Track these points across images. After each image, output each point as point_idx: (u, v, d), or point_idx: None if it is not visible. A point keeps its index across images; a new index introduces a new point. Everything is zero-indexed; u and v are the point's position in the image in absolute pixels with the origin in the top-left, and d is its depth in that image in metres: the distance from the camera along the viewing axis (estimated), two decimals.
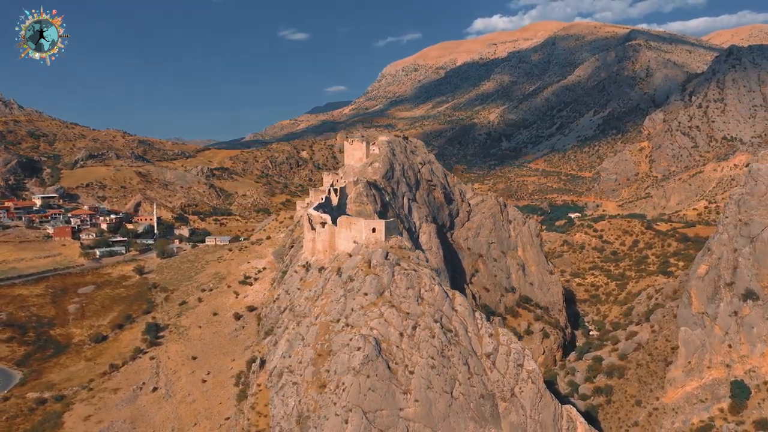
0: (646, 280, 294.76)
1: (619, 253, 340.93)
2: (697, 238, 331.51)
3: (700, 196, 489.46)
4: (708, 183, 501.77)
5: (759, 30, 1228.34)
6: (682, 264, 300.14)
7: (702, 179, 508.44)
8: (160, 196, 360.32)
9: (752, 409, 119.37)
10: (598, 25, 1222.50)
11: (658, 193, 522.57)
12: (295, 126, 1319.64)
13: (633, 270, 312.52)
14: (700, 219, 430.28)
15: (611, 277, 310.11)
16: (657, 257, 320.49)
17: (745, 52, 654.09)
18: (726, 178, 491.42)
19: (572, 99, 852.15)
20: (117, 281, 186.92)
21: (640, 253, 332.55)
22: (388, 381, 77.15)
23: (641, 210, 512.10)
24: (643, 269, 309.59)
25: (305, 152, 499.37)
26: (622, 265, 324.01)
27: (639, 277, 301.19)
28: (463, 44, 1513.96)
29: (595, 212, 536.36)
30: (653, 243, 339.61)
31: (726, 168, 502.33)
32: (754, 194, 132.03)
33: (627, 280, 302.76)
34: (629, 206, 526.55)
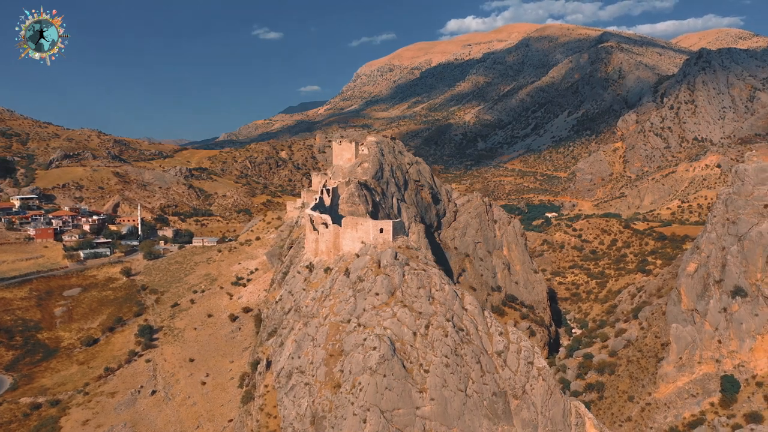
0: (625, 278, 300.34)
1: (598, 252, 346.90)
2: (674, 237, 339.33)
3: (673, 195, 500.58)
4: (680, 183, 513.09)
5: (725, 33, 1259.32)
6: (660, 262, 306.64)
7: (675, 179, 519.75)
8: (138, 196, 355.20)
9: (742, 403, 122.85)
10: (571, 27, 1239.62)
11: (632, 192, 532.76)
12: (270, 126, 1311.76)
13: (612, 268, 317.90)
14: (674, 218, 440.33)
15: (591, 276, 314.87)
16: (635, 256, 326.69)
17: (714, 55, 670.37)
18: (698, 178, 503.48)
19: (546, 100, 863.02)
20: (103, 283, 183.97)
21: (618, 251, 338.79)
22: (404, 380, 77.77)
23: (616, 209, 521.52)
24: (622, 267, 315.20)
25: (284, 152, 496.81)
26: (602, 264, 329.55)
27: (618, 276, 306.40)
28: (438, 45, 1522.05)
29: (571, 212, 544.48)
30: (631, 242, 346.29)
31: (698, 168, 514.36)
32: (741, 194, 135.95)
33: (607, 279, 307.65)
34: (604, 206, 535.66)
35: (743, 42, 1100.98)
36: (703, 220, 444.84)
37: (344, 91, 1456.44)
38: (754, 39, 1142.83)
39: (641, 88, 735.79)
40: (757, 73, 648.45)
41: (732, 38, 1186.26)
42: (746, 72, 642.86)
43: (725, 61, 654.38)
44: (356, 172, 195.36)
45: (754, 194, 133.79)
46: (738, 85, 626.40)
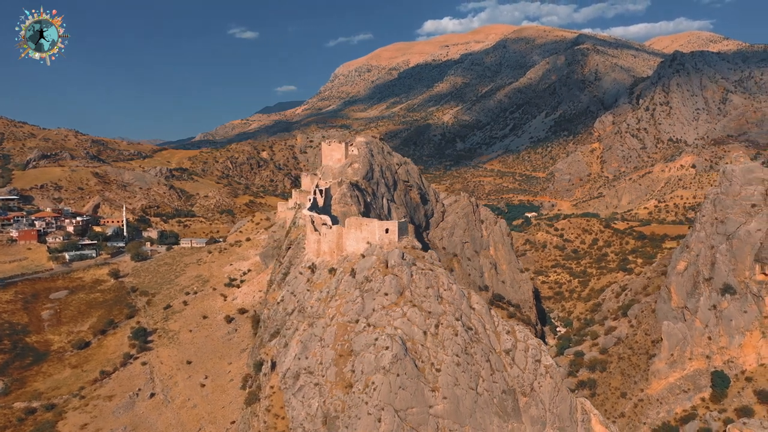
0: (607, 276, 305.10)
1: (580, 251, 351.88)
2: (653, 236, 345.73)
3: (649, 195, 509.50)
4: (657, 183, 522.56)
5: (696, 36, 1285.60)
6: (640, 261, 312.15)
7: (651, 179, 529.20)
8: (119, 197, 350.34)
9: (732, 398, 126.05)
10: (548, 29, 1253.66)
11: (610, 192, 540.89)
12: (247, 126, 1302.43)
13: (594, 267, 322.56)
14: (651, 217, 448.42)
15: (573, 275, 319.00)
16: (616, 255, 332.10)
17: (688, 57, 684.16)
18: (673, 178, 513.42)
19: (524, 101, 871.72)
20: (91, 285, 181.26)
21: (599, 250, 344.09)
22: (417, 379, 78.40)
23: (594, 209, 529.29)
24: (603, 266, 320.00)
25: (265, 153, 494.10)
26: (584, 263, 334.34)
27: (600, 274, 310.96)
28: (416, 45, 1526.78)
29: (550, 211, 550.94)
30: (612, 241, 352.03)
31: (673, 168, 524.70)
32: (729, 194, 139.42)
33: (589, 277, 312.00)
34: (583, 205, 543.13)
35: (714, 45, 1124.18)
36: (680, 219, 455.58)
37: (322, 91, 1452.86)
38: (725, 42, 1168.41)
39: (617, 90, 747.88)
40: (729, 75, 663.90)
41: (703, 41, 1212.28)
42: (718, 74, 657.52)
43: (698, 64, 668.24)
44: (347, 173, 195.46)
45: (741, 194, 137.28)
46: (711, 87, 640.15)
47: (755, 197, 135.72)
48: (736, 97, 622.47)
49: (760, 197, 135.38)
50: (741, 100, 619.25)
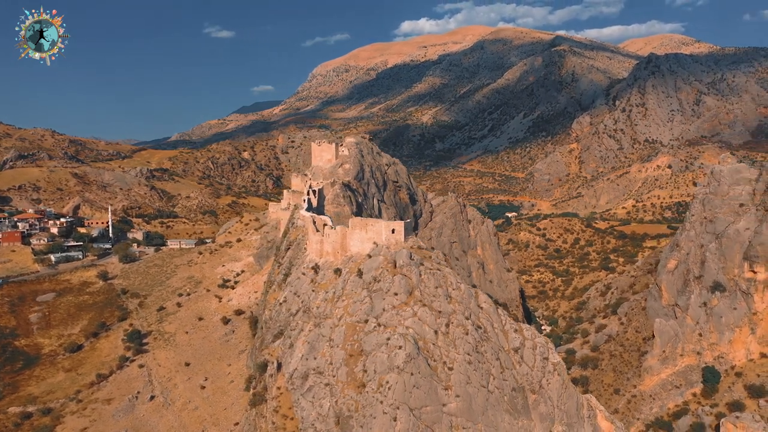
0: (589, 275, 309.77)
1: (562, 251, 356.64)
2: (634, 236, 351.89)
3: (627, 195, 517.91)
4: (634, 183, 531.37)
5: (669, 39, 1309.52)
6: (622, 260, 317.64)
7: (628, 179, 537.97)
8: (99, 198, 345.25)
9: (723, 393, 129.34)
10: (525, 30, 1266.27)
11: (588, 192, 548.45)
12: (224, 126, 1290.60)
13: (576, 266, 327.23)
14: (629, 217, 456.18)
15: (556, 274, 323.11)
16: (598, 254, 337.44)
17: (663, 60, 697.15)
18: (650, 178, 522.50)
19: (502, 102, 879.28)
20: (79, 288, 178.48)
21: (581, 250, 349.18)
22: (430, 378, 79.11)
23: (573, 209, 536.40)
24: (585, 265, 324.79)
25: (246, 153, 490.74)
26: (566, 262, 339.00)
27: (583, 273, 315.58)
28: (393, 46, 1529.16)
29: (530, 211, 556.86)
30: (593, 240, 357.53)
31: (650, 169, 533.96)
32: (718, 194, 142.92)
33: (572, 276, 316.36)
34: (562, 205, 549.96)
35: (686, 48, 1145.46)
36: (657, 219, 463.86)
37: (300, 91, 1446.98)
38: (696, 45, 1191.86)
39: (594, 91, 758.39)
40: (703, 77, 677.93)
41: (676, 44, 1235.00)
42: (692, 77, 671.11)
43: (673, 66, 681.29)
44: (338, 173, 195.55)
45: (729, 194, 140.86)
46: (685, 89, 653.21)
47: (743, 197, 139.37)
48: (710, 98, 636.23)
49: (748, 197, 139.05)
50: (714, 101, 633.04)
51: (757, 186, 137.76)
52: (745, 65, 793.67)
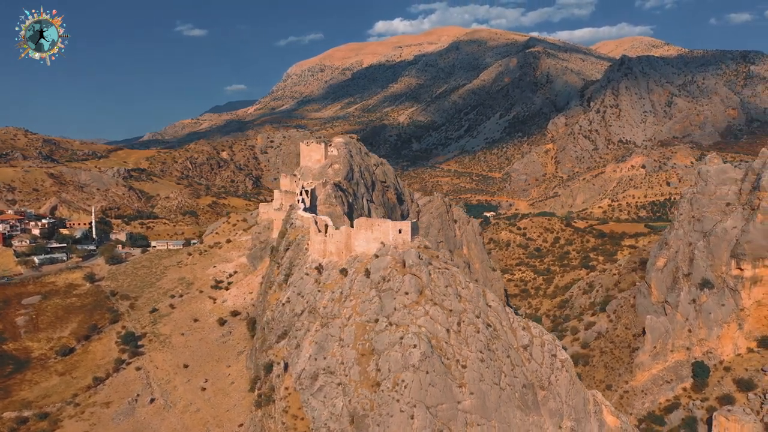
0: (570, 274, 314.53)
1: (543, 250, 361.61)
2: (612, 234, 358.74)
3: (603, 194, 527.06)
4: (609, 182, 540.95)
5: (639, 41, 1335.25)
6: (602, 258, 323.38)
7: (604, 179, 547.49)
8: (76, 199, 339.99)
9: (713, 387, 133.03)
10: (499, 32, 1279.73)
11: (565, 192, 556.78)
12: (198, 125, 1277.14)
13: (557, 265, 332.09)
14: (605, 216, 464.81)
15: (538, 272, 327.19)
16: (578, 252, 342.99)
17: (635, 62, 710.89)
18: (625, 178, 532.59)
19: (478, 102, 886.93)
20: (65, 290, 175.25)
21: (561, 249, 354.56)
22: (444, 376, 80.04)
23: (550, 208, 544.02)
24: (566, 264, 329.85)
25: (225, 153, 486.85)
26: (547, 261, 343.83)
27: (563, 272, 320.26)
28: (369, 46, 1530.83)
29: (508, 211, 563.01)
30: (573, 239, 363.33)
31: (624, 169, 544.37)
32: (705, 193, 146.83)
33: (553, 275, 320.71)
34: (540, 205, 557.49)
35: (656, 50, 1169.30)
36: (632, 218, 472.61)
37: (274, 90, 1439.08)
38: (666, 47, 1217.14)
39: (569, 92, 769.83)
40: (674, 79, 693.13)
41: (646, 46, 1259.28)
42: (664, 78, 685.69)
43: (645, 68, 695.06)
44: (327, 174, 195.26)
45: (716, 194, 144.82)
46: (657, 90, 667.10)
47: (729, 196, 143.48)
48: (681, 100, 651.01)
49: (734, 196, 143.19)
50: (685, 103, 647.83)
51: (743, 186, 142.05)
52: (713, 68, 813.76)
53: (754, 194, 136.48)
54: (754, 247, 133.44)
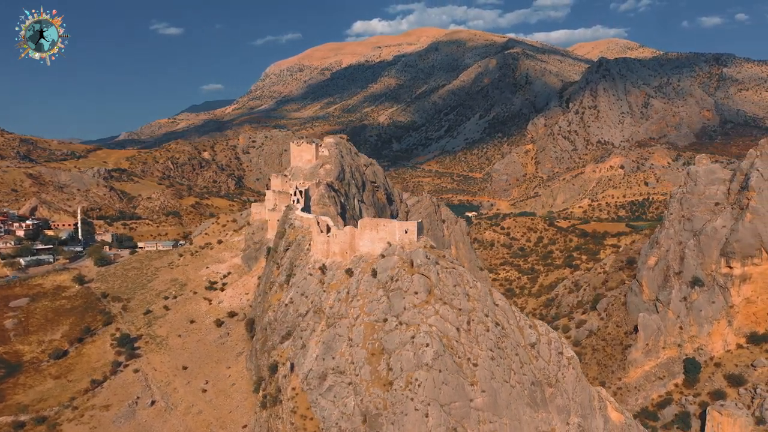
0: (554, 273, 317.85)
1: (527, 249, 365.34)
2: (594, 234, 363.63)
3: (582, 194, 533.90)
4: (589, 183, 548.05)
5: (615, 44, 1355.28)
6: (585, 257, 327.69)
7: (583, 179, 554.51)
8: (57, 199, 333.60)
9: (705, 382, 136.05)
10: (478, 33, 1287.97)
11: (545, 192, 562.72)
12: (175, 125, 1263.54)
13: (541, 264, 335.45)
14: (585, 216, 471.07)
15: (522, 272, 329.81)
16: (561, 252, 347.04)
17: (613, 64, 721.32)
18: (604, 178, 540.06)
19: (458, 103, 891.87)
20: (54, 292, 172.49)
21: (545, 248, 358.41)
22: (457, 374, 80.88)
23: (531, 208, 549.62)
24: (550, 263, 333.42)
25: (206, 153, 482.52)
26: (531, 260, 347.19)
27: (548, 271, 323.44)
28: (347, 46, 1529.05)
29: (489, 211, 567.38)
30: (556, 239, 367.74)
31: (603, 169, 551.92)
32: (694, 193, 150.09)
33: (537, 274, 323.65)
34: (520, 205, 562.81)
35: (631, 52, 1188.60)
36: (612, 217, 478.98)
37: (253, 90, 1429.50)
38: (640, 50, 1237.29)
39: (548, 93, 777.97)
40: (650, 81, 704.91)
41: (621, 48, 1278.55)
42: (641, 80, 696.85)
43: (622, 70, 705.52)
44: (319, 174, 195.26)
45: (705, 193, 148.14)
46: (634, 92, 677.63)
47: (718, 196, 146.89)
48: (657, 101, 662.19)
49: (723, 196, 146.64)
50: (661, 104, 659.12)
51: (731, 186, 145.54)
52: (687, 70, 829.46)
53: (742, 194, 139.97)
54: (743, 245, 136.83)
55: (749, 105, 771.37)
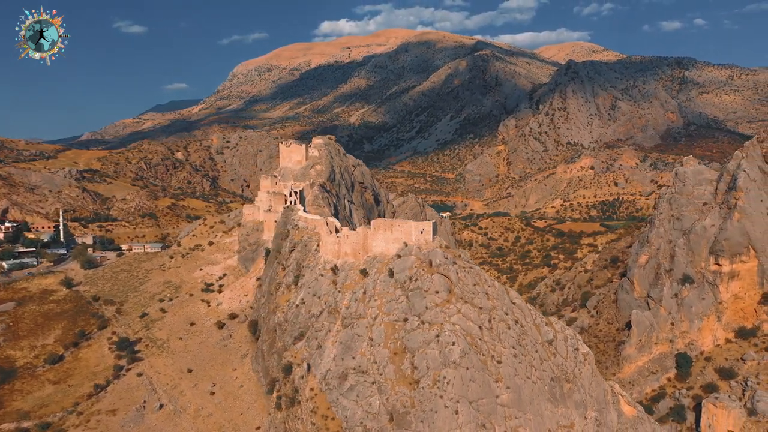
0: (533, 272, 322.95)
1: (504, 249, 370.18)
2: (571, 233, 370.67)
3: (554, 195, 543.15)
4: (560, 183, 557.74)
5: (580, 47, 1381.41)
6: (562, 257, 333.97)
7: (555, 180, 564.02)
8: (28, 201, 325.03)
9: (696, 376, 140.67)
10: (448, 35, 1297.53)
11: (518, 192, 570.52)
12: (140, 125, 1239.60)
13: (519, 264, 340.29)
14: (558, 216, 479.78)
15: (501, 271, 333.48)
16: (539, 251, 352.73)
17: (581, 66, 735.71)
18: (575, 178, 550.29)
19: (429, 104, 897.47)
20: (40, 296, 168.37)
21: (522, 248, 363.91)
22: (483, 371, 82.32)
23: (504, 208, 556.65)
24: (528, 262, 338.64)
25: (180, 153, 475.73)
26: (509, 260, 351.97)
27: (526, 270, 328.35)
28: (316, 46, 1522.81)
29: (464, 211, 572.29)
30: (533, 238, 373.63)
31: (574, 170, 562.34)
32: (683, 193, 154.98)
33: (516, 273, 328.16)
34: (494, 205, 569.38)
35: (596, 55, 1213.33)
36: (584, 217, 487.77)
37: (220, 90, 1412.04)
38: (605, 53, 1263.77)
39: (518, 95, 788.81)
40: (617, 84, 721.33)
41: (586, 51, 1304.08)
42: (608, 83, 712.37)
43: (590, 73, 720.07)
44: (310, 175, 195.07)
45: (693, 194, 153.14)
46: (602, 94, 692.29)
47: (706, 196, 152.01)
48: (624, 104, 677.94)
49: (710, 196, 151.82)
50: (628, 106, 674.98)
51: (718, 186, 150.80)
52: (650, 73, 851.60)
53: (730, 194, 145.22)
54: (731, 244, 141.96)
55: (710, 107, 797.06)
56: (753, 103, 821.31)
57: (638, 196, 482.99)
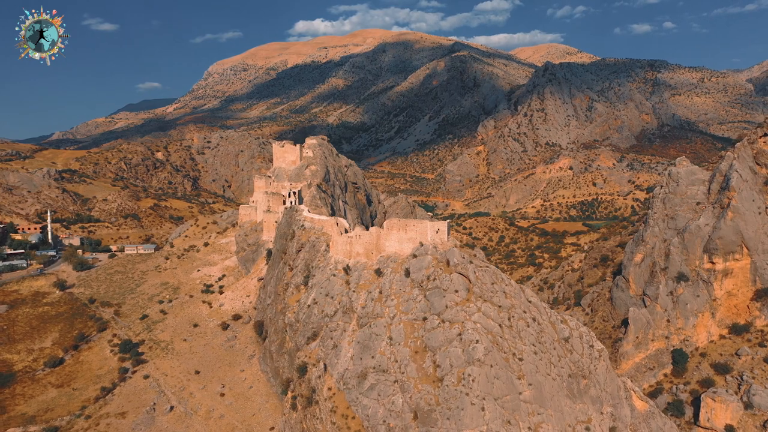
0: (518, 271, 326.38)
1: (489, 249, 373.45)
2: (554, 233, 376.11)
3: (534, 195, 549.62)
4: (540, 183, 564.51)
5: (555, 48, 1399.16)
6: (547, 256, 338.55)
7: (534, 180, 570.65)
8: (7, 202, 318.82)
9: (692, 371, 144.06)
10: (425, 35, 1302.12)
11: (498, 192, 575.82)
12: (113, 124, 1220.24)
13: (504, 263, 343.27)
14: (539, 215, 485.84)
15: None
16: (523, 251, 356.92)
17: (558, 68, 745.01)
18: (554, 179, 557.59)
19: (408, 104, 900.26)
20: (33, 299, 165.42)
21: (507, 247, 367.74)
22: (506, 369, 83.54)
23: (485, 208, 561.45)
24: (513, 262, 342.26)
25: (160, 153, 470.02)
26: (494, 260, 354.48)
27: (511, 269, 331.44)
28: (293, 46, 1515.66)
29: (445, 211, 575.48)
30: (517, 238, 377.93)
31: (553, 170, 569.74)
32: (677, 193, 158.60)
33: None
34: (475, 205, 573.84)
35: (570, 57, 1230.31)
36: (564, 216, 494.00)
37: (195, 89, 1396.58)
38: (579, 54, 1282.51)
39: (496, 96, 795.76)
40: (593, 85, 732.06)
41: (560, 53, 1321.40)
42: (584, 84, 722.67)
43: (567, 74, 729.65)
44: (304, 175, 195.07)
45: (687, 193, 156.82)
46: (579, 96, 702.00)
47: (699, 196, 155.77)
48: (600, 105, 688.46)
49: (703, 196, 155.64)
50: (604, 108, 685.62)
51: (711, 186, 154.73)
52: (624, 75, 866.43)
53: (723, 194, 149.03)
54: (725, 242, 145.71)
55: (682, 109, 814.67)
56: (723, 105, 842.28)
57: (617, 196, 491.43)
